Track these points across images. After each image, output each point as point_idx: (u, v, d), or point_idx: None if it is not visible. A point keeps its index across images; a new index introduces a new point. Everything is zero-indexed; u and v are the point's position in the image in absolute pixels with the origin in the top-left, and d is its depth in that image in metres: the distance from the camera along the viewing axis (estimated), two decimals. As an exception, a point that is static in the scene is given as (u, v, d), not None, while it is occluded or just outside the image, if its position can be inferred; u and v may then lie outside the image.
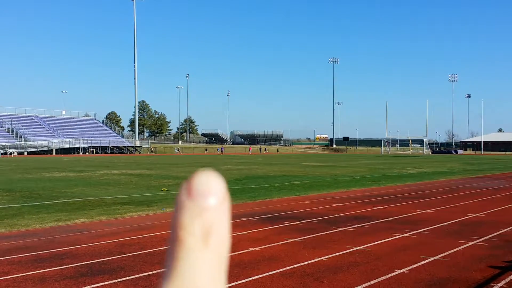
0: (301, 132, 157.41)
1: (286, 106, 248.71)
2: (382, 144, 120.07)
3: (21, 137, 78.38)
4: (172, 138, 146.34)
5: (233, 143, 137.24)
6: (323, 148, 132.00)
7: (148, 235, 8.96)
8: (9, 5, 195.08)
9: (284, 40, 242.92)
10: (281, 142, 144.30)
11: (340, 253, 7.52)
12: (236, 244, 8.13)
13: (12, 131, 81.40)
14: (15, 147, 71.44)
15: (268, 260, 7.01)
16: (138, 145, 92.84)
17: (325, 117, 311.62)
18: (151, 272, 6.31)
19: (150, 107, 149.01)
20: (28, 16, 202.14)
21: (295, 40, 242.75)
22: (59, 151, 76.86)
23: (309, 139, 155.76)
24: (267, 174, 27.94)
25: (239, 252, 7.52)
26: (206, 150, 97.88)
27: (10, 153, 67.58)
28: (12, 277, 6.07)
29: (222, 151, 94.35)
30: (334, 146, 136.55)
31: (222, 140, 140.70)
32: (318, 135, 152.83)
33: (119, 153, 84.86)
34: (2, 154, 65.59)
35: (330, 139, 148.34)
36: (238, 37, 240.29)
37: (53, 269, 6.48)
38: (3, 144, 71.22)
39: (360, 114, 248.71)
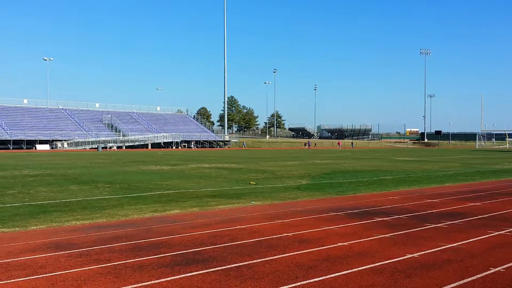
0: (391, 126, 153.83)
1: (374, 100, 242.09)
2: (477, 138, 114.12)
3: (120, 132, 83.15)
4: (259, 132, 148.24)
5: (320, 138, 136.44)
6: (413, 143, 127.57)
7: (238, 227, 9.21)
8: (107, 6, 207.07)
9: (372, 32, 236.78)
10: (370, 136, 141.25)
11: (433, 250, 7.29)
12: (324, 238, 8.15)
13: (112, 126, 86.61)
14: (115, 141, 75.95)
15: (358, 255, 6.96)
16: (227, 139, 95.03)
17: (416, 111, 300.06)
18: (241, 263, 6.50)
19: (238, 103, 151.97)
20: (127, 15, 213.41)
21: (384, 32, 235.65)
22: (154, 145, 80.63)
23: (399, 133, 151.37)
24: (355, 168, 27.53)
25: (328, 246, 7.52)
26: (244, 144, 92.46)
27: (110, 147, 71.97)
28: (113, 264, 6.47)
29: (309, 145, 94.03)
30: (426, 140, 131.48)
31: (309, 135, 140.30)
32: (409, 129, 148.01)
33: (209, 147, 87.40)
34: (103, 148, 70.01)
35: (421, 133, 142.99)
36: (325, 32, 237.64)
37: (150, 257, 6.84)
38: (104, 138, 75.99)
39: (453, 107, 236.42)
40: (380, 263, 6.52)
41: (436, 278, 5.86)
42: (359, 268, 6.26)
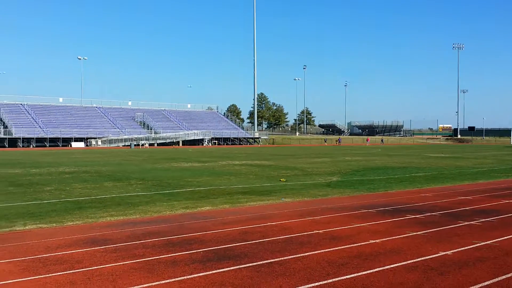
0: (423, 122, 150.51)
1: (406, 96, 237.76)
2: (511, 134, 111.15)
3: (151, 129, 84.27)
4: (289, 129, 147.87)
5: (350, 134, 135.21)
6: (446, 139, 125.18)
7: (269, 224, 9.26)
8: (138, 5, 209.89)
9: (404, 27, 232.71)
10: (401, 132, 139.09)
11: (466, 247, 7.19)
12: (356, 235, 8.13)
13: (144, 124, 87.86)
14: (147, 139, 77.03)
15: (390, 252, 6.92)
16: (257, 136, 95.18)
17: (449, 106, 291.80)
18: (272, 260, 6.54)
19: (268, 99, 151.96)
20: (158, 15, 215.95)
21: (415, 27, 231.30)
22: (185, 142, 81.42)
23: (431, 129, 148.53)
24: (387, 165, 27.24)
25: (359, 243, 7.51)
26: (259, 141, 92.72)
27: (142, 145, 72.99)
28: (146, 260, 6.61)
29: (339, 142, 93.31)
30: (459, 136, 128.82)
31: (339, 131, 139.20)
32: (441, 125, 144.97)
33: (239, 144, 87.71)
34: (135, 145, 71.09)
35: (454, 129, 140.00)
36: (355, 28, 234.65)
37: (182, 253, 6.95)
38: (136, 136, 77.15)
39: (487, 103, 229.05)
40: (413, 261, 6.47)
41: (469, 275, 5.79)
42: (391, 266, 6.24)
